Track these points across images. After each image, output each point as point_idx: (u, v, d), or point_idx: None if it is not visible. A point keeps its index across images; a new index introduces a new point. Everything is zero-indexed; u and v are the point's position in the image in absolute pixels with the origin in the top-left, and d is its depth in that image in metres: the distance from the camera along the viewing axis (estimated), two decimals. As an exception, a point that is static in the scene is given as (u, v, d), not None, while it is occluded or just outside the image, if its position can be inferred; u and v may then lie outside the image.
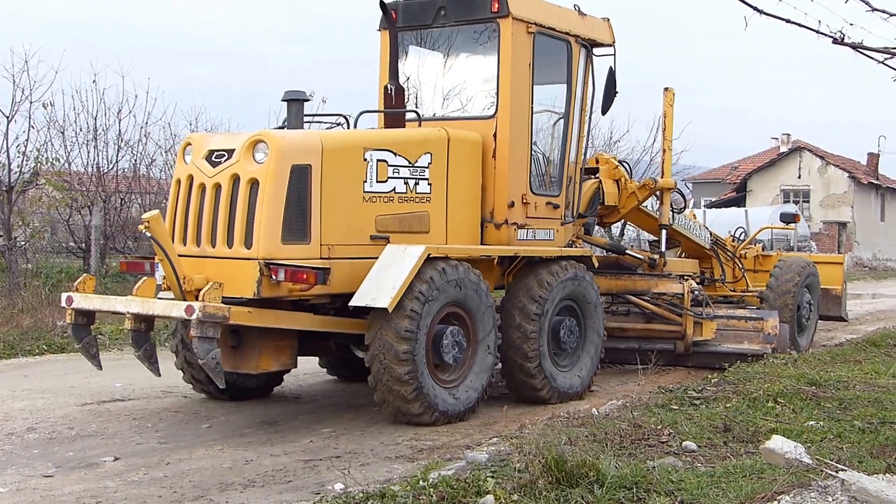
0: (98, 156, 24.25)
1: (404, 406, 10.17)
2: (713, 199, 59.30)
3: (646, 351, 13.96)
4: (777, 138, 65.27)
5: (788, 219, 20.57)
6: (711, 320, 14.52)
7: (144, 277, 10.32)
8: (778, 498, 6.31)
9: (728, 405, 10.16)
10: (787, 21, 6.80)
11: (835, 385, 11.24)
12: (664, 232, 15.45)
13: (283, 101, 11.05)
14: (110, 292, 20.38)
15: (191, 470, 8.64)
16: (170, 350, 11.89)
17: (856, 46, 7.09)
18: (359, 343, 10.92)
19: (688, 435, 8.79)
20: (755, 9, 6.62)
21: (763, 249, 19.03)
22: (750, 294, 16.85)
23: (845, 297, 19.29)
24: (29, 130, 22.23)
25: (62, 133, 23.76)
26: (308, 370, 14.08)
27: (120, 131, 24.53)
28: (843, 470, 6.62)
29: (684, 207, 16.65)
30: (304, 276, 9.51)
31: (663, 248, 15.46)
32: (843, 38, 6.95)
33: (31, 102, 22.08)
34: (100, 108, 24.09)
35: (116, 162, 24.66)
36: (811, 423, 9.36)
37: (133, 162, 25.36)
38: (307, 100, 11.14)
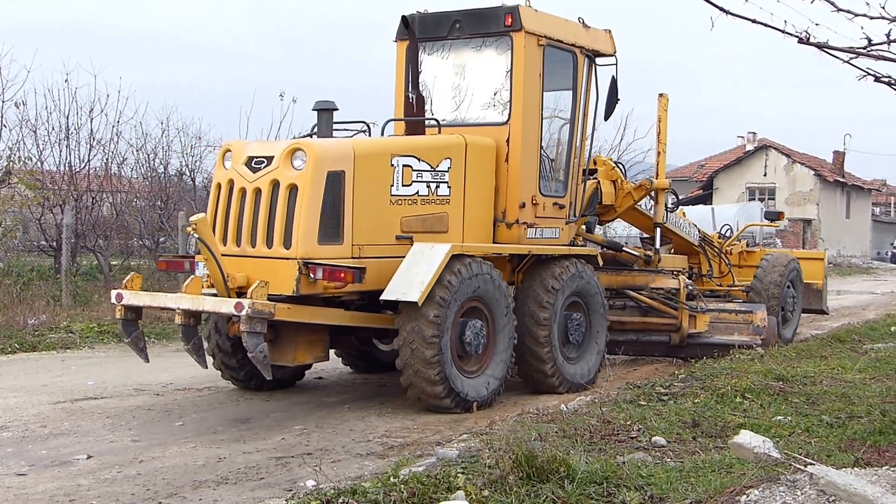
0: (70, 155, 24.25)
1: (431, 394, 10.89)
2: (680, 197, 59.40)
3: (643, 343, 15.18)
4: (743, 136, 65.55)
5: (773, 216, 21.27)
6: (704, 313, 15.21)
7: (192, 276, 10.88)
8: (747, 492, 6.35)
9: (696, 401, 10.23)
10: (754, 21, 6.85)
11: (802, 380, 11.35)
12: (658, 230, 15.93)
13: (313, 110, 11.71)
14: (81, 290, 20.41)
15: (164, 467, 8.66)
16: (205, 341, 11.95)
17: (821, 46, 7.14)
18: (381, 336, 12.35)
19: (657, 430, 8.86)
20: (721, 9, 6.66)
21: (747, 246, 19.51)
22: (736, 288, 17.43)
23: (826, 291, 19.87)
24: (1, 129, 22.23)
25: (34, 132, 23.78)
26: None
27: (92, 130, 24.54)
28: (811, 464, 6.68)
29: (676, 206, 17.13)
30: (342, 275, 10.26)
31: (658, 246, 15.92)
32: (808, 38, 6.99)
33: (2, 101, 22.17)
34: (72, 107, 24.12)
35: (88, 161, 24.64)
36: (779, 417, 9.44)
37: (105, 161, 25.32)
38: (336, 109, 11.72)
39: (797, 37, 6.97)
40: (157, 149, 26.37)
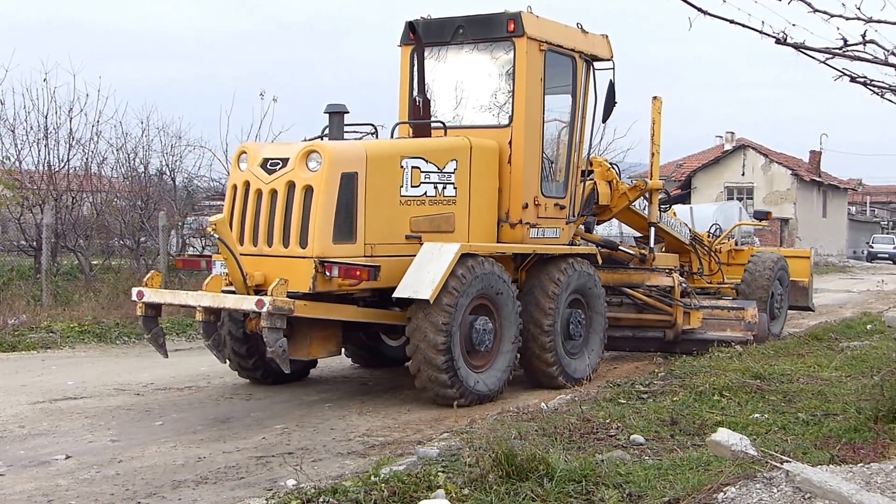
0: (49, 154, 24.13)
1: (441, 388, 11.31)
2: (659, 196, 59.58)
3: (639, 339, 15.76)
4: (721, 136, 65.87)
5: (761, 216, 21.97)
6: (698, 310, 15.69)
7: (214, 274, 11.30)
8: (724, 489, 6.38)
9: (675, 399, 10.28)
10: (731, 22, 6.88)
11: (779, 378, 11.41)
12: (653, 229, 16.35)
13: (325, 112, 12.09)
14: (62, 290, 20.35)
15: (143, 467, 8.65)
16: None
17: (798, 47, 7.18)
18: (389, 332, 13.12)
19: (635, 428, 8.90)
20: (699, 10, 6.70)
21: (736, 244, 20.00)
22: (726, 286, 17.94)
23: (812, 288, 20.47)
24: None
25: (12, 131, 23.68)
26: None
27: (71, 130, 24.38)
28: (787, 461, 6.71)
29: (669, 206, 17.60)
30: (358, 273, 10.73)
31: (652, 244, 16.31)
32: (785, 39, 7.03)
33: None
34: (51, 106, 23.99)
35: (68, 160, 24.50)
36: (756, 415, 9.50)
37: (84, 160, 25.19)
38: (347, 112, 12.14)
39: (774, 37, 7.01)
40: (137, 148, 26.25)
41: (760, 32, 6.97)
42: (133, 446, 9.44)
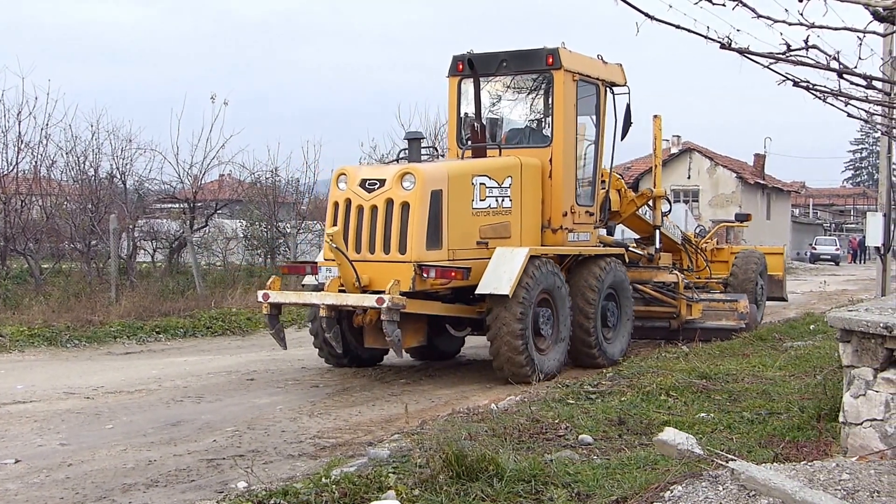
0: (-3, 157, 23.86)
1: (518, 368, 13.09)
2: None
3: (647, 328, 17.54)
4: (668, 140, 66.14)
5: (742, 218, 23.52)
6: (698, 303, 17.67)
7: (332, 276, 12.93)
8: (671, 488, 6.42)
9: (623, 399, 10.38)
10: (678, 27, 6.94)
11: (724, 378, 11.55)
12: (658, 232, 18.35)
13: (405, 139, 14.30)
14: (11, 294, 20.16)
15: (93, 471, 8.62)
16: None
17: (742, 52, 7.25)
18: (456, 325, 14.54)
19: (584, 428, 8.97)
20: (647, 14, 6.77)
21: (717, 244, 21.63)
22: (713, 281, 19.60)
23: (785, 281, 22.43)
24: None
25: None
26: (212, 370, 14.11)
27: (20, 133, 24.12)
28: (732, 460, 6.79)
29: (669, 211, 19.09)
30: (453, 274, 12.67)
31: (657, 245, 18.28)
32: (730, 44, 7.10)
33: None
34: (-1, 109, 23.73)
35: (16, 164, 24.24)
36: (702, 415, 9.61)
37: (34, 164, 24.94)
38: (423, 138, 14.09)
39: (719, 42, 7.09)
40: (87, 151, 26.07)
41: (706, 37, 7.04)
42: (83, 450, 9.40)
